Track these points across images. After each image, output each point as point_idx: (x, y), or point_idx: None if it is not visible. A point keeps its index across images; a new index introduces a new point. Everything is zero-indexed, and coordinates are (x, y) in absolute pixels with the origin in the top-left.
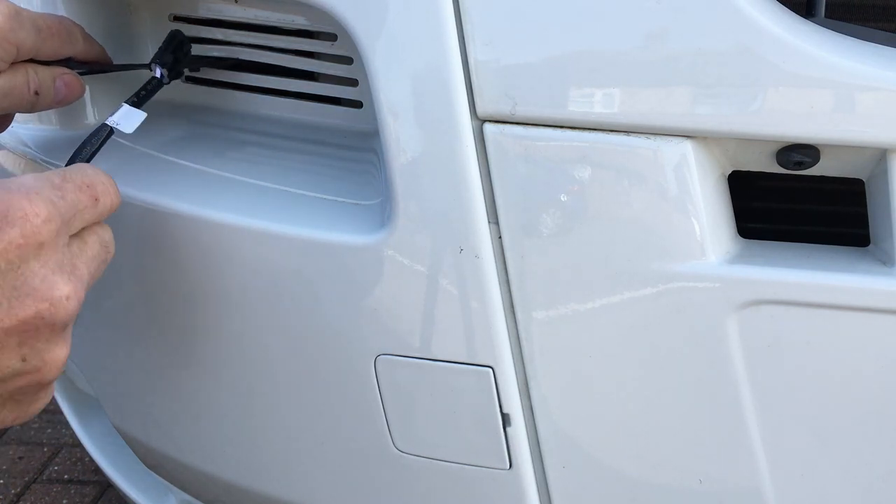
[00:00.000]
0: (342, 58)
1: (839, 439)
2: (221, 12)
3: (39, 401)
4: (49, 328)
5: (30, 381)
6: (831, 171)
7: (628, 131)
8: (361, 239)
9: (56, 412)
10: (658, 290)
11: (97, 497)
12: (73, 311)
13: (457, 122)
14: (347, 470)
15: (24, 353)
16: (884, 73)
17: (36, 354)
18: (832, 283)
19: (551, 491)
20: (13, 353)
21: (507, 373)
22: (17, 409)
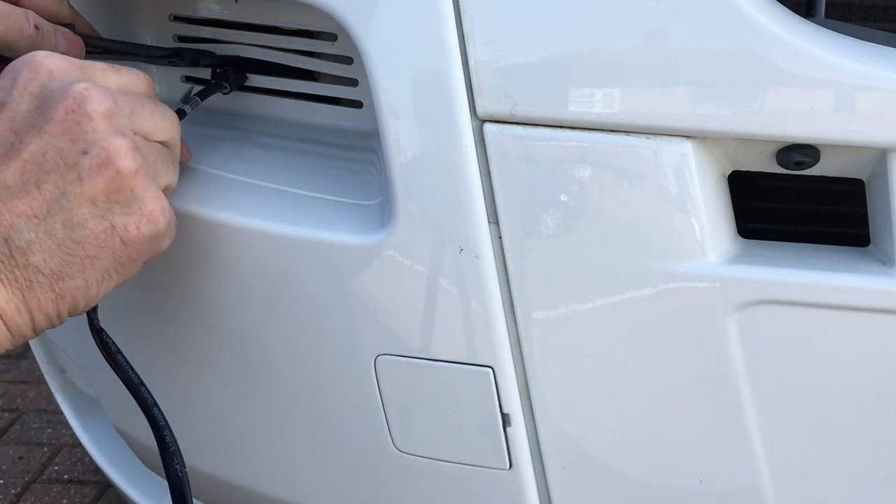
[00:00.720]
0: (342, 58)
1: (839, 439)
2: (221, 12)
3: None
4: (89, 120)
5: (107, 174)
6: (831, 171)
7: (628, 131)
8: (361, 239)
9: (56, 412)
10: (658, 290)
11: (97, 497)
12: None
13: (457, 122)
14: (347, 470)
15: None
16: (884, 73)
17: (93, 145)
18: (832, 283)
19: (551, 491)
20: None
21: (507, 373)
22: (128, 211)
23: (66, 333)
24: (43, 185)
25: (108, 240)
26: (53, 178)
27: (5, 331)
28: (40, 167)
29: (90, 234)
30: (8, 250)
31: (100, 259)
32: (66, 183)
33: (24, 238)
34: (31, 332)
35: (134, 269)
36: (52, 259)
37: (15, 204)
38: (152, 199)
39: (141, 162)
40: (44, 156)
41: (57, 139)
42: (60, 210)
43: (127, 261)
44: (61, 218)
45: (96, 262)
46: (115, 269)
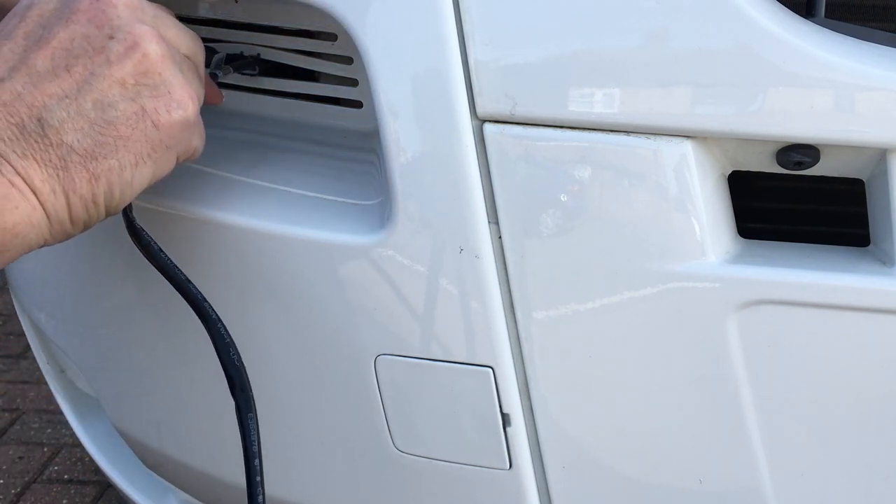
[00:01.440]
0: (342, 58)
1: (839, 439)
2: (221, 12)
3: (172, 84)
4: (113, 7)
5: (135, 57)
6: (831, 171)
7: (628, 131)
8: (361, 239)
9: (56, 412)
10: (658, 290)
11: (97, 497)
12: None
13: (457, 122)
14: (347, 470)
15: (107, 32)
16: (884, 73)
17: (119, 30)
18: (832, 283)
19: (551, 491)
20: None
21: (507, 373)
22: (157, 94)
23: (66, 334)
24: (73, 67)
25: (140, 122)
26: (83, 62)
27: (42, 214)
28: (69, 52)
29: (121, 115)
30: (41, 130)
31: (132, 140)
32: (95, 65)
33: (57, 117)
34: (67, 217)
35: (168, 159)
36: (86, 138)
37: (46, 86)
38: (180, 85)
39: (167, 48)
40: (72, 42)
41: (83, 27)
42: (91, 90)
43: (160, 146)
44: (92, 98)
45: (129, 144)
46: (147, 154)
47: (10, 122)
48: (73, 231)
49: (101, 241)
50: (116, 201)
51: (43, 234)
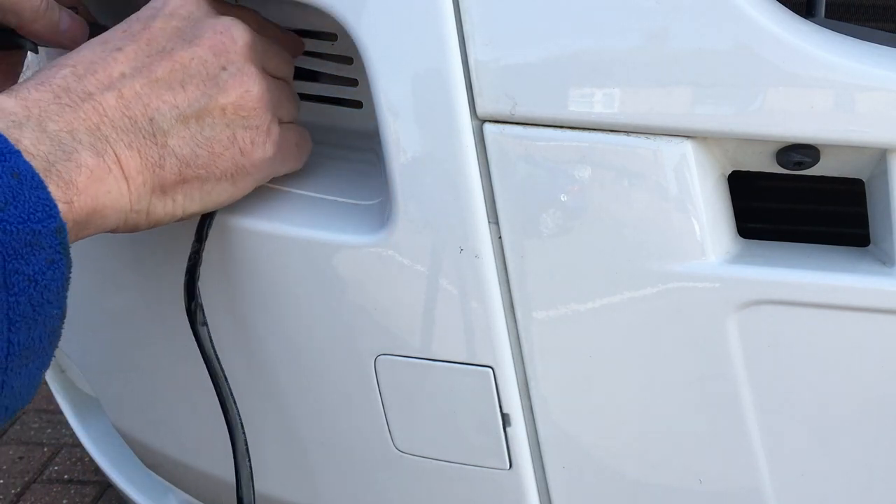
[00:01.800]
0: (342, 58)
1: (839, 439)
2: None
3: (263, 123)
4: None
5: (239, 90)
6: (831, 171)
7: (628, 131)
8: (361, 239)
9: (56, 412)
10: (658, 290)
11: (97, 497)
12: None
13: (457, 122)
14: (347, 470)
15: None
16: (884, 73)
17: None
18: (832, 283)
19: (551, 491)
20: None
21: (507, 373)
22: (249, 126)
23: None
24: (187, 85)
25: (230, 146)
26: (196, 82)
27: (127, 202)
28: (186, 71)
29: (217, 136)
30: (151, 129)
31: (222, 159)
32: (206, 88)
33: (167, 122)
34: (146, 210)
35: (247, 183)
36: (186, 146)
37: (162, 93)
38: (269, 126)
39: (266, 88)
40: (190, 62)
41: (203, 52)
42: (198, 109)
43: (242, 171)
44: (197, 116)
45: (218, 161)
46: (231, 175)
47: (124, 115)
48: (143, 225)
49: (101, 240)
50: (193, 207)
51: (119, 220)
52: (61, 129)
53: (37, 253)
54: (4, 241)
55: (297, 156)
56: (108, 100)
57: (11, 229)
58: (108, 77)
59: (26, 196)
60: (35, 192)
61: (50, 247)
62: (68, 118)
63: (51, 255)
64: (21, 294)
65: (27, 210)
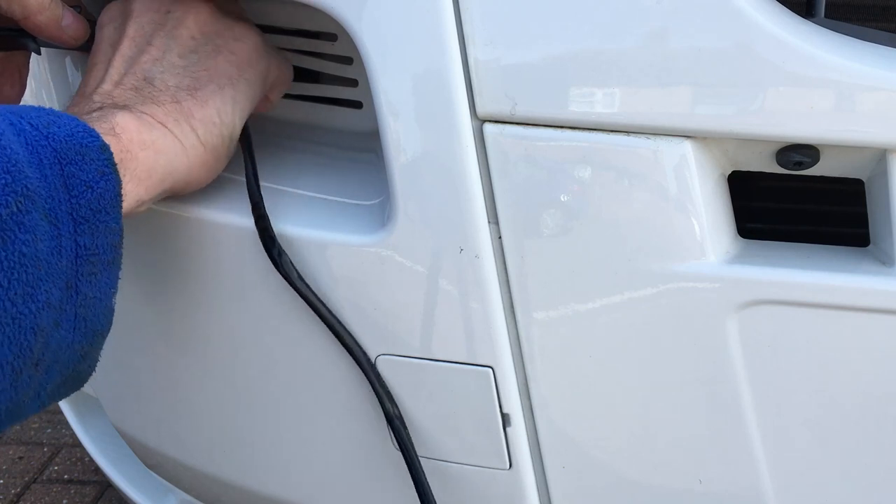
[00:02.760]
0: (342, 58)
1: (839, 439)
2: None
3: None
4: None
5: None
6: (831, 171)
7: (628, 131)
8: (361, 239)
9: (56, 412)
10: (658, 290)
11: (97, 497)
12: None
13: (457, 122)
14: (347, 470)
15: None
16: (884, 73)
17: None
18: (832, 283)
19: (551, 491)
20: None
21: (507, 373)
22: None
23: None
24: (152, 40)
25: (218, 54)
26: (157, 35)
27: (173, 139)
28: (144, 34)
29: (202, 56)
30: (151, 84)
31: (218, 68)
32: (167, 32)
33: (157, 72)
34: (196, 140)
35: (255, 78)
36: (184, 78)
37: (140, 59)
38: (235, 25)
39: (209, 7)
40: (142, 28)
41: (142, 15)
42: (173, 48)
43: (245, 66)
44: (176, 52)
45: (217, 71)
46: (236, 75)
47: (125, 90)
48: (207, 154)
49: None
50: (230, 116)
51: (181, 158)
52: (91, 109)
53: (88, 163)
54: (58, 147)
55: (280, 58)
56: (106, 89)
57: (62, 139)
58: (96, 80)
59: (66, 121)
60: (72, 120)
61: (98, 160)
62: (88, 105)
63: (100, 167)
64: (80, 197)
65: (70, 129)
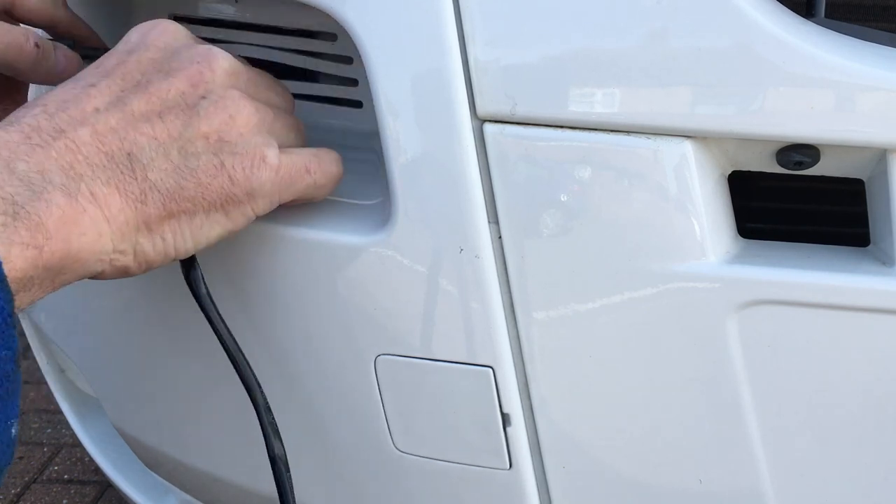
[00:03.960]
0: (342, 58)
1: (839, 439)
2: (221, 12)
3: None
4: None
5: (222, 117)
6: (831, 171)
7: (628, 131)
8: (361, 239)
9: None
10: (658, 290)
11: (97, 497)
12: (225, 59)
13: (457, 122)
14: (347, 470)
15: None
16: (884, 73)
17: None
18: (832, 283)
19: (551, 491)
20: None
21: (507, 373)
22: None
23: (66, 333)
24: (165, 116)
25: (218, 174)
26: (175, 113)
27: (109, 242)
28: (164, 103)
29: (202, 165)
30: (130, 164)
31: (210, 189)
32: (186, 118)
33: (146, 155)
34: (132, 251)
35: (242, 214)
36: (168, 178)
37: (139, 126)
38: (260, 149)
39: (254, 112)
40: (168, 94)
41: (181, 83)
42: (179, 139)
43: (233, 200)
44: (178, 146)
45: (206, 193)
46: (221, 205)
47: (100, 150)
48: (133, 267)
49: None
50: (184, 245)
51: (102, 264)
52: (31, 169)
53: None
54: None
55: (307, 181)
56: (81, 136)
57: None
58: (82, 113)
59: None
60: None
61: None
62: (39, 158)
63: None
64: None
65: None
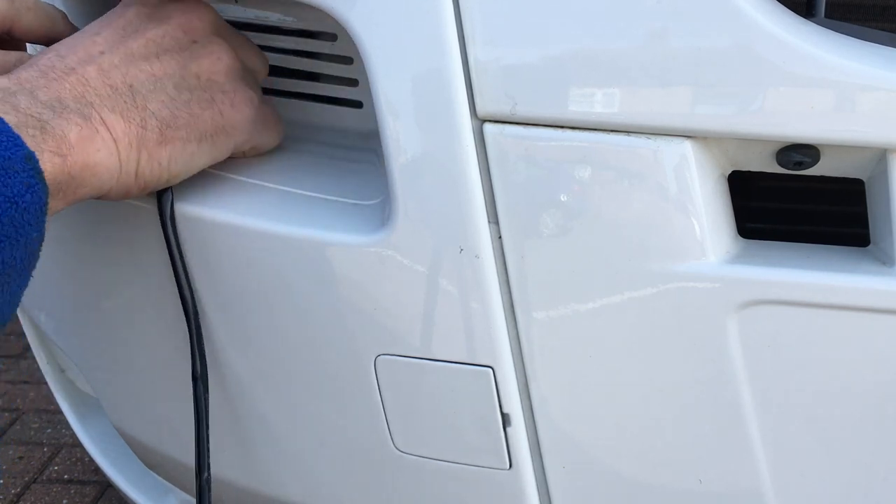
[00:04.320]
0: (342, 58)
1: (839, 439)
2: (221, 12)
3: (238, 89)
4: (200, 21)
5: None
6: (831, 171)
7: (628, 131)
8: (361, 239)
9: (56, 412)
10: (658, 290)
11: (97, 497)
12: (212, 14)
13: (457, 122)
14: (347, 470)
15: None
16: (884, 73)
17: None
18: (832, 283)
19: (551, 491)
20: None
21: (507, 373)
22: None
23: (66, 334)
24: (161, 56)
25: (209, 107)
26: (170, 54)
27: (116, 161)
28: (160, 45)
29: (195, 98)
30: (131, 94)
31: (201, 119)
32: (179, 57)
33: (146, 88)
34: (134, 171)
35: (226, 145)
36: (165, 108)
37: (139, 64)
38: (243, 90)
39: (236, 62)
40: (163, 38)
41: (174, 29)
42: (174, 76)
43: (221, 131)
44: (174, 81)
45: (198, 121)
46: (211, 134)
47: (105, 83)
48: (134, 188)
49: (101, 240)
50: (178, 168)
51: (111, 181)
52: (51, 97)
53: (12, 177)
54: None
55: (275, 129)
56: (89, 72)
57: None
58: (88, 55)
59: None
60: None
61: (24, 171)
62: (55, 88)
63: (26, 179)
64: (3, 215)
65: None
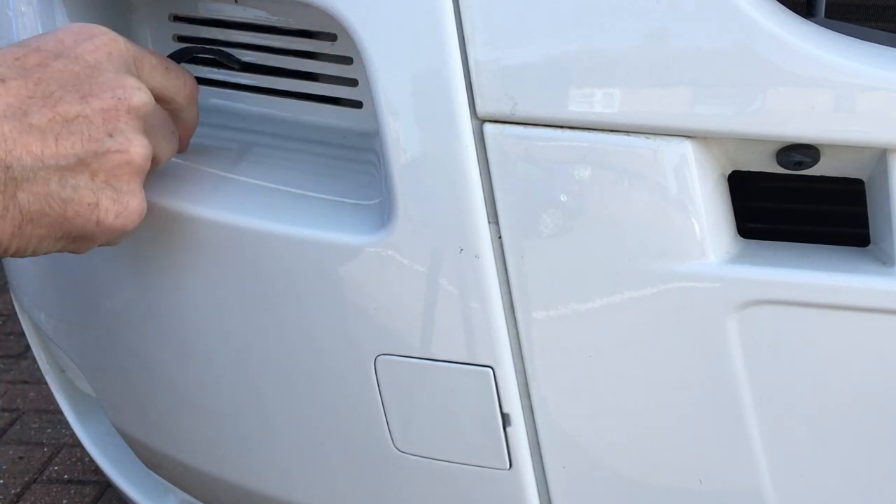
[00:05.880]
0: (342, 58)
1: (839, 439)
2: (221, 12)
3: (133, 195)
4: (126, 113)
5: (120, 160)
6: (831, 171)
7: (628, 131)
8: (361, 239)
9: (56, 412)
10: (658, 290)
11: (97, 497)
12: (145, 103)
13: (457, 122)
14: (347, 470)
15: (109, 129)
16: (884, 73)
17: (120, 133)
18: (832, 283)
19: (551, 491)
20: (100, 130)
21: (507, 373)
22: (116, 198)
23: (66, 334)
24: (62, 140)
25: (87, 213)
26: (73, 140)
27: None
28: (67, 126)
29: (76, 200)
30: (3, 176)
31: (70, 223)
32: (83, 148)
33: (23, 174)
34: None
35: (87, 247)
36: (35, 203)
37: (30, 141)
38: (140, 200)
39: (147, 159)
40: (76, 119)
41: (93, 114)
42: (65, 168)
43: (88, 237)
44: (60, 175)
45: (65, 225)
46: (73, 238)
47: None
48: None
49: None
50: (19, 252)
51: None
52: None
53: None
54: None
55: None
56: None
57: None
58: None
59: None
60: None
61: None
62: None
63: None
64: None
65: None
